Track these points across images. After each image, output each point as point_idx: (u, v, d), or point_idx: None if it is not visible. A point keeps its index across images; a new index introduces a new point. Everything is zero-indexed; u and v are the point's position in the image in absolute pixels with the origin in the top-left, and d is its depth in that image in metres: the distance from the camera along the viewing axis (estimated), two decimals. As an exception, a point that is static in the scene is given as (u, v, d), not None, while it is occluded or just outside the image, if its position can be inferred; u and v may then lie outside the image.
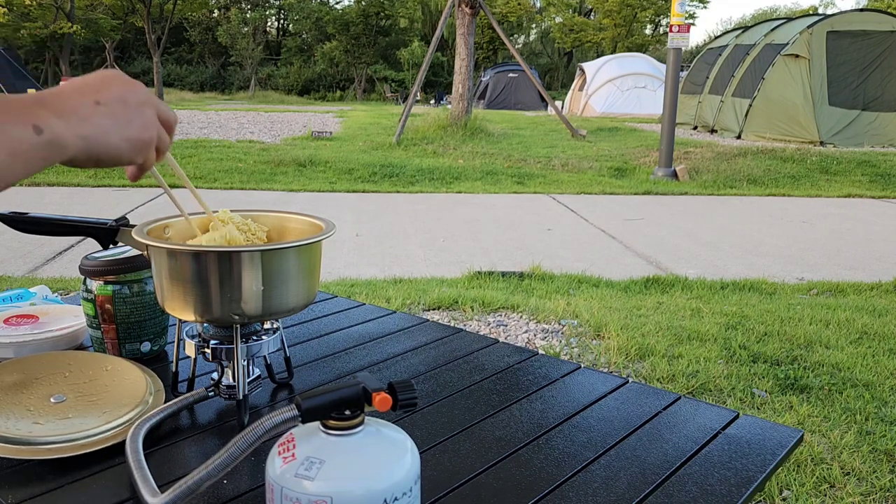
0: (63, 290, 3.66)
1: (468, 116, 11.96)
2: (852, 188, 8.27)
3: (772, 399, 2.62)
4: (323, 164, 8.81)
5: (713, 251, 5.29)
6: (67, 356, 1.02)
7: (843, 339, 3.23)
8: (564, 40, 41.52)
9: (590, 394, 1.02)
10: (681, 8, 8.15)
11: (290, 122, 15.62)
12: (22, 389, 0.92)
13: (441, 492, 0.76)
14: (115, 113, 0.64)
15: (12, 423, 0.83)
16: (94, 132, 0.61)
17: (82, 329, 1.14)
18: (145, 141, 0.67)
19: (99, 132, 0.62)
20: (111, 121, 0.63)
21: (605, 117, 17.73)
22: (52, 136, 0.57)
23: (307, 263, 0.88)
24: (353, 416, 0.60)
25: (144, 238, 0.87)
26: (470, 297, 3.71)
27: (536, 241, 5.46)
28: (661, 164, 8.73)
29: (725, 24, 59.40)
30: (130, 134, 0.65)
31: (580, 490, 0.77)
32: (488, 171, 8.76)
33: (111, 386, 0.94)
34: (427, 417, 0.94)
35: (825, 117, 10.95)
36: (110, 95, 0.64)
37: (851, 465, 2.18)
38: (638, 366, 2.92)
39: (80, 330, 1.14)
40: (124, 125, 0.64)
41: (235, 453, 0.63)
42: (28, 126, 0.56)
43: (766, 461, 0.84)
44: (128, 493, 0.75)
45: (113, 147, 0.63)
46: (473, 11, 11.40)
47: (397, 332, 1.26)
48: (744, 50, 12.51)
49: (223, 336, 0.89)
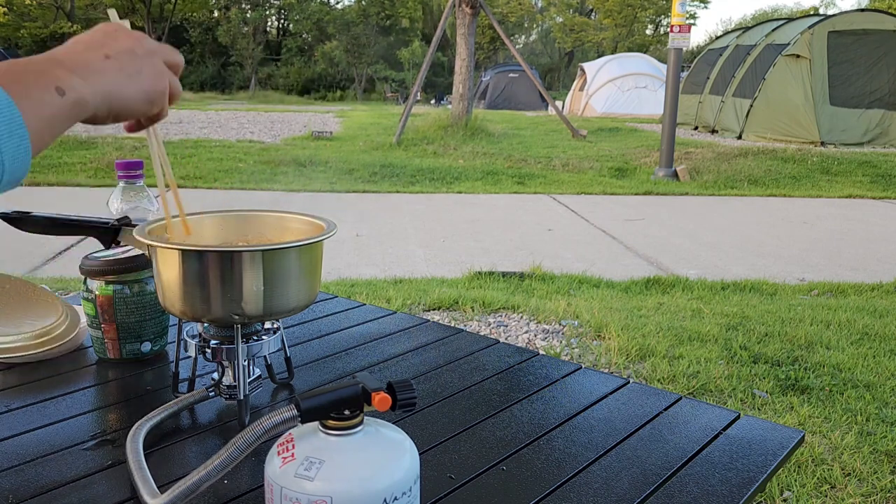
0: (63, 290, 3.66)
1: (469, 116, 11.96)
2: (853, 189, 8.26)
3: (772, 400, 2.62)
4: (323, 164, 8.81)
5: (714, 252, 5.28)
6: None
7: (844, 340, 3.23)
8: (565, 40, 41.54)
9: (590, 394, 1.02)
10: (681, 8, 8.14)
11: (291, 122, 15.62)
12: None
13: (441, 492, 0.76)
14: (125, 65, 0.63)
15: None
16: (111, 86, 0.61)
17: (82, 329, 1.14)
18: (159, 91, 0.66)
19: (114, 86, 0.61)
20: (123, 73, 0.62)
21: (605, 117, 17.72)
22: (75, 95, 0.57)
23: (308, 263, 0.88)
24: (353, 416, 0.59)
25: (146, 238, 0.87)
26: (470, 297, 3.71)
27: (537, 241, 5.45)
28: (661, 164, 8.73)
29: (726, 25, 59.42)
30: (145, 85, 0.64)
31: (581, 491, 0.77)
32: (489, 172, 8.76)
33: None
34: (427, 418, 0.94)
35: (826, 118, 10.95)
36: (118, 48, 0.63)
37: (852, 465, 2.18)
38: (639, 366, 2.91)
39: (80, 330, 1.14)
40: (136, 76, 0.64)
41: (235, 454, 0.63)
42: (51, 89, 0.55)
43: (766, 462, 0.84)
44: (128, 493, 0.75)
45: (129, 99, 0.63)
46: (474, 11, 11.40)
47: (398, 333, 1.26)
48: (745, 50, 12.51)
49: (224, 336, 0.89)
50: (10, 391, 1.00)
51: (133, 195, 1.14)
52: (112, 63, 0.62)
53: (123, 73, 0.62)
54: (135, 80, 0.63)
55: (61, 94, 0.55)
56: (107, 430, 0.89)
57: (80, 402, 0.97)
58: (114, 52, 0.63)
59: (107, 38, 0.64)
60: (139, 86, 0.64)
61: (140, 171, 1.15)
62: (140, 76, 0.64)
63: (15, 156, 0.52)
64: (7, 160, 0.51)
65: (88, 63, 0.60)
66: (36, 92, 0.54)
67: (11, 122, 0.51)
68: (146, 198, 1.15)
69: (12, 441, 0.86)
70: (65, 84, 0.56)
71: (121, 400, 0.99)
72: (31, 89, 0.54)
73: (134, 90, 0.63)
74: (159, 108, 0.67)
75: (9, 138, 0.51)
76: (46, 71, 0.56)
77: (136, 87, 0.63)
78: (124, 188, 1.14)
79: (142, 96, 0.64)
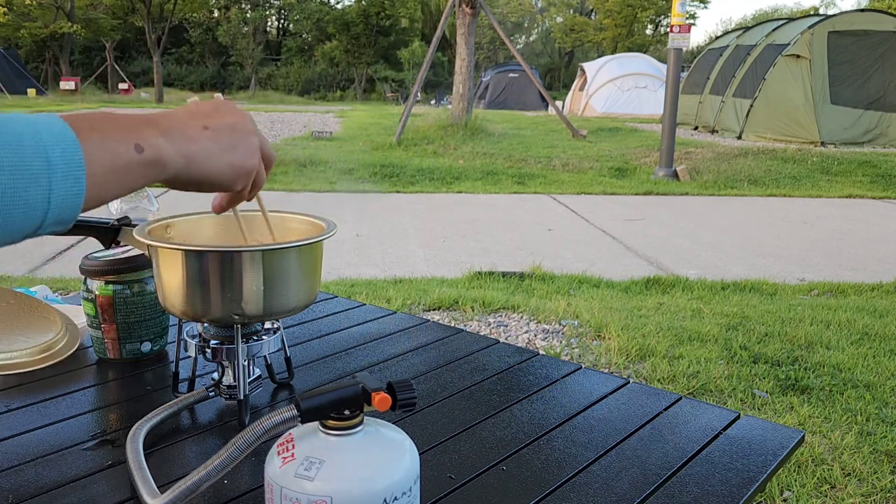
0: (63, 290, 3.65)
1: (469, 116, 11.96)
2: (853, 189, 8.26)
3: (772, 400, 2.62)
4: (323, 164, 8.81)
5: (714, 252, 5.29)
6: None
7: (844, 340, 3.23)
8: (565, 40, 41.56)
9: (590, 394, 1.02)
10: (681, 8, 8.15)
11: (291, 122, 15.63)
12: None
13: (441, 492, 0.76)
14: (221, 138, 0.64)
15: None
16: (198, 153, 0.61)
17: (82, 329, 1.14)
18: (248, 168, 0.66)
19: (202, 153, 0.62)
20: (216, 145, 0.63)
21: (605, 117, 17.72)
22: (154, 154, 0.57)
23: (308, 263, 0.88)
24: (353, 416, 0.59)
25: (146, 238, 0.87)
26: (470, 297, 3.71)
27: (537, 241, 5.45)
28: (661, 164, 8.73)
29: (726, 25, 59.44)
30: (234, 159, 0.65)
31: (581, 491, 0.77)
32: (489, 171, 8.76)
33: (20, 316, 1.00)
34: (427, 418, 0.94)
35: (826, 118, 10.95)
36: (220, 122, 0.64)
37: (852, 465, 2.18)
38: (639, 366, 2.91)
39: (81, 330, 1.14)
40: (229, 150, 0.64)
41: (235, 454, 0.63)
42: (130, 144, 0.55)
43: (767, 462, 0.84)
44: (128, 493, 0.75)
45: (214, 170, 0.63)
46: (474, 11, 11.40)
47: (398, 333, 1.26)
48: (745, 50, 12.51)
49: (224, 336, 0.89)
50: (10, 391, 1.00)
51: (133, 195, 1.14)
52: (208, 134, 0.63)
53: (217, 143, 0.63)
54: (226, 153, 0.64)
55: (139, 150, 0.56)
56: (107, 430, 0.89)
57: (80, 402, 0.97)
58: (213, 125, 0.63)
59: (213, 111, 0.65)
60: (228, 159, 0.64)
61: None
62: (233, 150, 0.64)
63: (65, 197, 0.52)
64: (55, 198, 0.51)
65: (184, 129, 0.61)
66: (112, 143, 0.54)
67: (70, 163, 0.51)
68: (146, 198, 1.15)
69: (12, 441, 0.86)
70: (146, 143, 0.57)
71: (121, 400, 0.99)
72: (108, 140, 0.54)
73: (221, 162, 0.63)
74: (243, 185, 0.67)
75: (63, 179, 0.51)
76: (134, 127, 0.57)
77: (224, 160, 0.64)
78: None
79: (228, 169, 0.64)
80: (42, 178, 0.50)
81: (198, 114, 0.64)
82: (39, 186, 0.50)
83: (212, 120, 0.64)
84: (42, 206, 0.51)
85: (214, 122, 0.64)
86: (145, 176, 0.57)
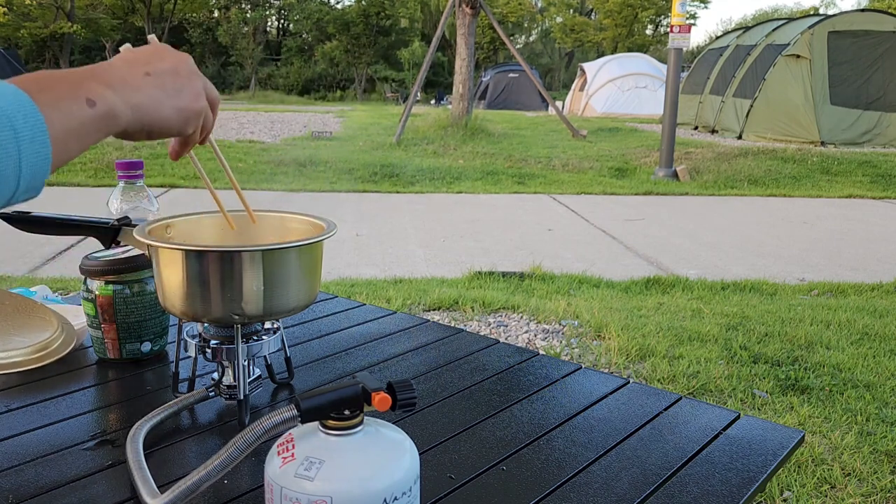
0: (63, 290, 3.65)
1: (468, 116, 11.96)
2: (853, 189, 8.26)
3: (772, 400, 2.62)
4: (323, 164, 8.81)
5: (714, 252, 5.29)
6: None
7: (844, 340, 3.23)
8: (565, 40, 41.56)
9: (590, 394, 1.02)
10: (681, 8, 8.14)
11: (291, 121, 15.62)
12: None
13: (441, 492, 0.76)
14: (165, 83, 0.63)
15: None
16: (146, 102, 0.61)
17: (82, 329, 1.14)
18: (196, 111, 0.66)
19: (150, 102, 0.61)
20: (161, 91, 0.62)
21: (605, 117, 17.72)
22: (105, 108, 0.57)
23: (308, 263, 0.88)
24: (353, 415, 0.59)
25: (146, 238, 0.87)
26: (470, 297, 3.71)
27: (537, 241, 5.45)
28: (661, 164, 8.73)
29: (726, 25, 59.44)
30: (181, 103, 0.64)
31: (581, 491, 0.77)
32: (489, 171, 8.76)
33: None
34: (427, 418, 0.94)
35: (826, 118, 10.95)
36: (161, 66, 0.63)
37: (852, 465, 2.18)
38: (638, 366, 2.91)
39: (80, 330, 1.14)
40: (174, 95, 0.64)
41: (235, 454, 0.63)
42: (81, 100, 0.55)
43: (767, 462, 0.84)
44: (128, 493, 0.75)
45: (164, 117, 0.63)
46: (474, 11, 11.40)
47: (398, 333, 1.26)
48: (745, 50, 12.51)
49: (224, 336, 0.89)
50: (10, 391, 1.00)
51: (133, 195, 1.14)
52: (151, 80, 0.62)
53: (162, 90, 0.63)
54: (172, 98, 0.63)
55: (91, 105, 0.55)
56: (107, 430, 0.89)
57: (80, 402, 0.97)
58: (155, 70, 0.63)
59: (151, 57, 0.64)
60: (175, 103, 0.64)
61: (140, 171, 1.15)
62: (178, 95, 0.64)
63: (34, 162, 0.52)
64: (25, 166, 0.51)
65: (126, 78, 0.60)
66: (65, 102, 0.54)
67: (34, 128, 0.51)
68: (146, 198, 1.15)
69: (12, 441, 0.86)
70: (96, 96, 0.56)
71: (121, 400, 0.99)
72: (60, 99, 0.54)
73: (169, 108, 0.63)
74: (193, 127, 0.67)
75: (30, 144, 0.51)
76: (79, 83, 0.56)
77: (172, 105, 0.63)
78: (124, 188, 1.14)
79: (176, 115, 0.64)
80: (11, 147, 0.50)
81: (137, 61, 0.63)
82: (9, 156, 0.49)
83: (152, 66, 0.63)
84: (14, 175, 0.50)
85: (155, 67, 0.63)
86: (100, 130, 0.57)
